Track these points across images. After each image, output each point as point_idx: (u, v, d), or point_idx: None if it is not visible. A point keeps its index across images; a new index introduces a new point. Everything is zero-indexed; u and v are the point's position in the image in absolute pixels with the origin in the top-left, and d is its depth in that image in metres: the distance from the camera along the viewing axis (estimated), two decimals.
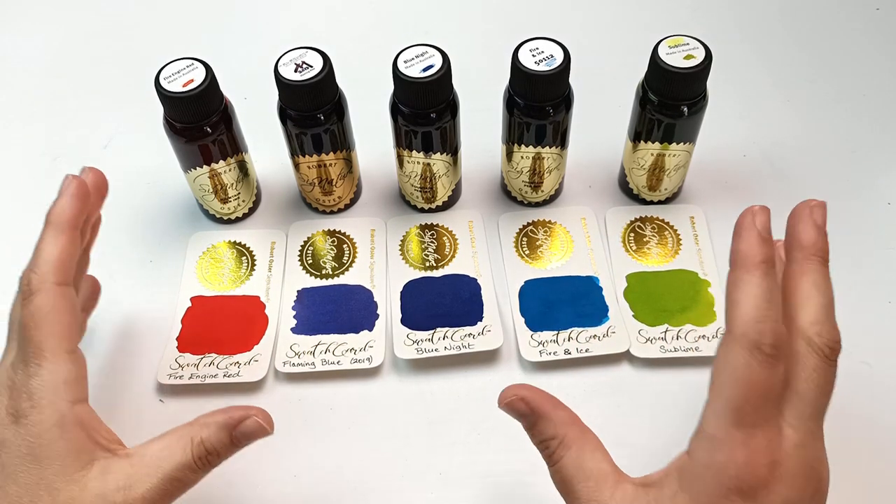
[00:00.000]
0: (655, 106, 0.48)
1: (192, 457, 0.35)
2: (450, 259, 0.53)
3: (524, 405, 0.35)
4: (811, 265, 0.33)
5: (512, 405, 0.36)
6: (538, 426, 0.35)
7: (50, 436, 0.34)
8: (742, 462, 0.30)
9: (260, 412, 0.37)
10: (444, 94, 0.47)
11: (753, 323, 0.30)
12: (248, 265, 0.53)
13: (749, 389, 0.30)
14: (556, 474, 0.34)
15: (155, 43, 0.70)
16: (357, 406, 0.47)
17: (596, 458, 0.34)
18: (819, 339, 0.31)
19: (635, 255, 0.53)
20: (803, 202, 0.34)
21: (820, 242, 0.34)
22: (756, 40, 0.68)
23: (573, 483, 0.33)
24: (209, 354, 0.48)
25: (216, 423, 0.36)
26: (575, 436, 0.34)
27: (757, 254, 0.32)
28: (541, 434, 0.35)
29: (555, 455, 0.34)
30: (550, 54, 0.46)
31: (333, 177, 0.53)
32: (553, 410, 0.35)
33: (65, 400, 0.35)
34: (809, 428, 0.31)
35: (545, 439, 0.35)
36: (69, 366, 0.36)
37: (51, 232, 0.38)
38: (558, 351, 0.47)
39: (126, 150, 0.62)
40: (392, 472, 0.44)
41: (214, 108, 0.49)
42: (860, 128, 0.61)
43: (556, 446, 0.34)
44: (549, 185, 0.54)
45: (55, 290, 0.36)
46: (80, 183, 0.40)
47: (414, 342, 0.48)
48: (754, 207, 0.33)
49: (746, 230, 0.32)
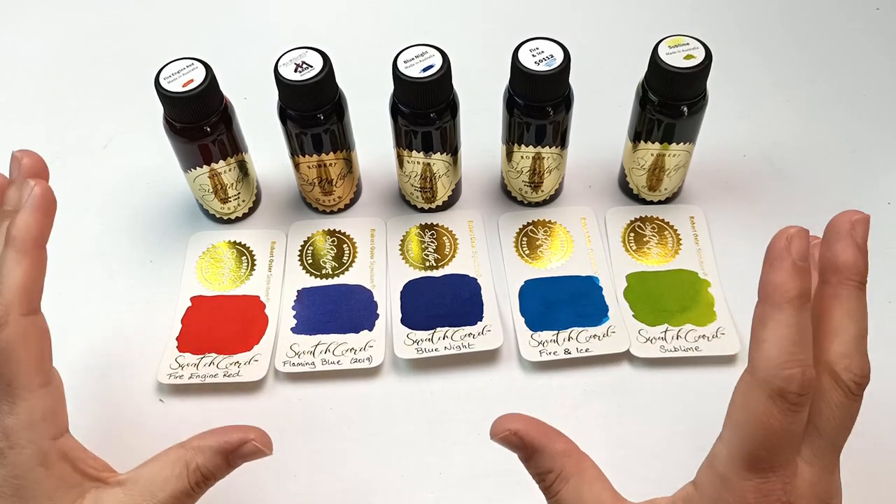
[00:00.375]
0: (655, 106, 0.48)
1: (188, 484, 0.34)
2: (450, 259, 0.53)
3: (517, 439, 0.34)
4: (847, 290, 0.30)
5: (505, 440, 0.34)
6: (534, 460, 0.33)
7: (34, 475, 0.32)
8: (752, 502, 0.28)
9: (258, 434, 0.35)
10: (444, 94, 0.47)
11: (779, 369, 0.28)
12: (248, 265, 0.53)
13: (768, 437, 0.28)
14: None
15: (155, 43, 0.70)
16: (357, 406, 0.47)
17: (595, 490, 0.33)
18: (846, 375, 0.29)
19: (635, 255, 0.53)
20: (844, 214, 0.30)
21: (859, 264, 0.30)
22: (756, 40, 0.68)
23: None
24: (209, 354, 0.48)
25: (211, 448, 0.35)
26: (572, 468, 0.33)
27: (790, 288, 0.28)
28: (537, 468, 0.33)
29: (552, 488, 0.33)
30: (550, 54, 0.46)
31: (333, 177, 0.53)
32: (549, 443, 0.33)
33: (45, 437, 0.33)
34: (827, 465, 0.29)
35: (542, 472, 0.33)
36: (44, 401, 0.33)
37: (12, 254, 0.33)
38: (558, 351, 0.47)
39: (126, 150, 0.62)
40: (392, 472, 0.44)
41: (214, 108, 0.49)
42: (860, 128, 0.61)
43: (553, 479, 0.33)
44: (549, 185, 0.54)
45: (21, 322, 0.32)
46: (43, 191, 0.34)
47: (414, 342, 0.48)
48: (790, 230, 0.29)
49: (779, 259, 0.29)
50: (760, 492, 0.28)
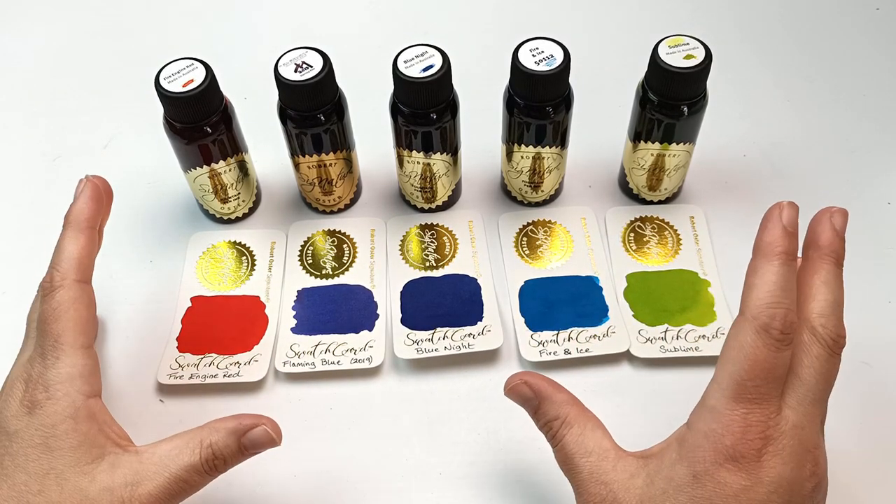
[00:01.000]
0: (655, 106, 0.48)
1: (199, 459, 0.36)
2: (450, 259, 0.53)
3: (528, 389, 0.37)
4: (825, 265, 0.34)
5: (516, 389, 0.37)
6: (542, 408, 0.37)
7: (64, 427, 0.35)
8: (738, 432, 0.32)
9: (270, 422, 0.37)
10: (444, 94, 0.47)
11: (766, 307, 0.32)
12: (248, 265, 0.53)
13: (753, 367, 0.32)
14: (560, 453, 0.36)
15: (155, 43, 0.70)
16: (357, 406, 0.47)
17: (597, 436, 0.36)
18: (823, 331, 0.33)
19: (635, 254, 0.53)
20: (825, 208, 0.36)
21: (835, 244, 0.35)
22: (756, 40, 0.68)
23: (575, 459, 0.35)
24: (209, 354, 0.48)
25: (226, 428, 0.37)
26: (576, 415, 0.36)
27: (779, 244, 0.33)
28: (545, 415, 0.36)
29: (558, 434, 0.36)
30: (550, 54, 0.46)
31: (333, 177, 0.53)
32: (555, 392, 0.37)
33: (80, 393, 0.36)
34: (809, 412, 0.33)
35: (549, 420, 0.36)
36: (85, 360, 0.37)
37: (70, 232, 0.39)
38: (558, 351, 0.47)
39: (126, 150, 0.62)
40: (392, 472, 0.44)
41: (214, 108, 0.49)
42: (860, 128, 0.61)
43: (558, 426, 0.36)
44: (549, 185, 0.54)
45: (75, 286, 0.38)
46: (94, 185, 0.42)
47: (414, 342, 0.48)
48: (783, 203, 0.34)
49: (772, 222, 0.34)
50: (745, 421, 0.32)
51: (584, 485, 0.35)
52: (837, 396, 0.41)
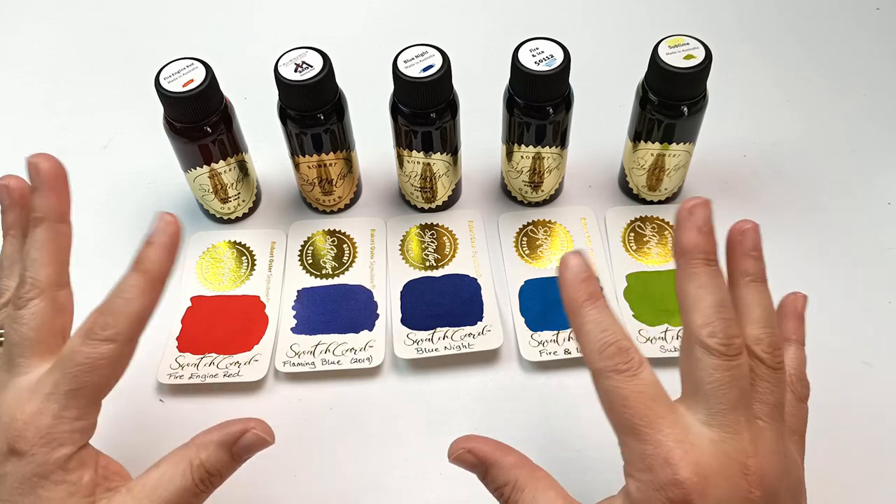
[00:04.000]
0: (655, 106, 0.48)
1: (192, 480, 0.35)
2: (450, 259, 0.53)
3: (472, 456, 0.36)
4: (696, 268, 0.33)
5: (461, 458, 0.36)
6: (490, 474, 0.35)
7: (54, 478, 0.33)
8: (661, 470, 0.32)
9: (258, 424, 0.36)
10: (444, 94, 0.47)
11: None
12: (248, 265, 0.53)
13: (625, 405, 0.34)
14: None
15: (155, 43, 0.70)
16: (357, 406, 0.47)
17: (549, 497, 0.34)
18: (711, 340, 0.32)
19: (635, 254, 0.53)
20: (684, 202, 0.33)
21: (700, 244, 0.33)
22: (756, 40, 0.68)
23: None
24: (209, 354, 0.48)
25: (213, 442, 0.35)
26: (526, 478, 0.35)
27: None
28: (494, 481, 0.35)
29: (510, 499, 0.35)
30: (550, 54, 0.46)
31: (333, 177, 0.53)
32: (502, 457, 0.35)
33: (75, 445, 0.34)
34: (726, 423, 0.32)
35: (499, 486, 0.35)
36: (94, 419, 0.36)
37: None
38: (558, 351, 0.47)
39: (126, 150, 0.62)
40: (392, 472, 0.44)
41: (214, 108, 0.49)
42: (860, 128, 0.61)
43: (510, 491, 0.35)
44: (549, 185, 0.54)
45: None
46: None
47: (414, 342, 0.48)
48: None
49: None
50: (661, 456, 0.32)
51: None
52: (837, 396, 0.41)
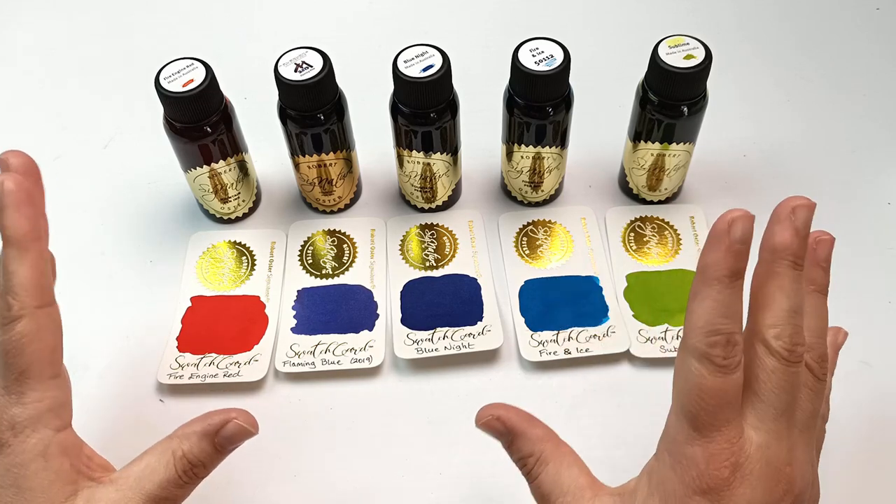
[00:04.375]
0: (655, 106, 0.48)
1: (175, 472, 0.34)
2: (450, 259, 0.53)
3: (500, 424, 0.35)
4: (780, 268, 0.32)
5: (488, 425, 0.36)
6: (515, 444, 0.35)
7: (34, 466, 0.33)
8: (702, 463, 0.30)
9: (240, 413, 0.36)
10: (444, 94, 0.47)
11: (704, 335, 0.30)
12: (248, 265, 0.53)
13: (702, 396, 0.30)
14: (536, 490, 0.35)
15: (155, 43, 0.70)
16: (357, 406, 0.47)
17: (573, 473, 0.34)
18: (776, 343, 0.31)
19: (635, 254, 0.53)
20: (788, 200, 0.32)
21: (794, 246, 0.31)
22: (756, 40, 0.68)
23: (552, 498, 0.34)
24: (209, 354, 0.48)
25: (195, 433, 0.35)
26: (551, 451, 0.35)
27: (721, 267, 0.31)
28: (518, 451, 0.35)
29: (533, 471, 0.34)
30: (550, 54, 0.46)
31: (333, 176, 0.53)
32: (529, 428, 0.35)
33: (49, 428, 0.33)
34: (772, 429, 0.31)
35: (523, 457, 0.35)
36: (54, 392, 0.34)
37: (12, 252, 0.33)
38: (558, 351, 0.47)
39: (126, 150, 0.62)
40: (392, 472, 0.44)
41: (214, 108, 0.49)
42: (860, 128, 0.61)
43: (533, 463, 0.34)
44: (549, 185, 0.54)
45: (37, 314, 0.33)
46: (16, 184, 0.33)
47: (414, 342, 0.48)
48: (734, 213, 0.31)
49: (717, 241, 0.31)
50: (708, 452, 0.30)
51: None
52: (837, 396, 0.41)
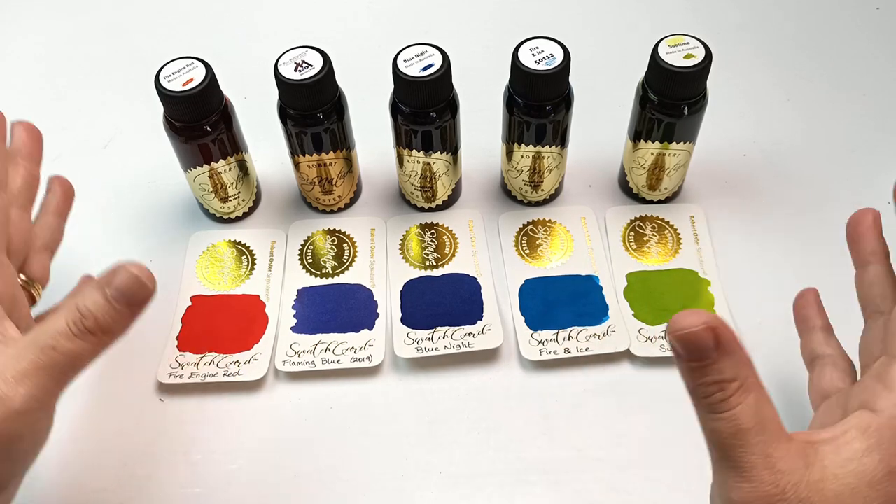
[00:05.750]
0: (655, 105, 0.48)
1: (66, 322, 0.32)
2: (450, 258, 0.53)
3: (711, 337, 0.28)
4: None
5: (697, 336, 0.28)
6: (718, 364, 0.28)
7: None
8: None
9: (137, 266, 0.32)
10: (443, 94, 0.47)
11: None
12: (248, 264, 0.53)
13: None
14: (725, 423, 0.29)
15: (155, 43, 0.70)
16: (357, 405, 0.47)
17: (771, 410, 0.29)
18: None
19: (635, 254, 0.53)
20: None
21: None
22: (756, 40, 0.68)
23: (749, 435, 0.29)
24: (209, 353, 0.48)
25: (90, 285, 0.32)
26: (755, 380, 0.29)
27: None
28: (720, 373, 0.28)
29: (732, 400, 0.29)
30: (550, 53, 0.46)
31: (333, 176, 0.53)
32: (739, 348, 0.29)
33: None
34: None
35: (723, 380, 0.29)
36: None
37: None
38: (558, 350, 0.47)
39: (126, 150, 0.62)
40: (392, 472, 0.44)
41: (214, 108, 0.49)
42: (860, 127, 0.61)
43: (735, 390, 0.29)
44: (549, 185, 0.54)
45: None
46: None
47: (414, 341, 0.48)
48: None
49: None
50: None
51: (754, 469, 0.29)
52: None
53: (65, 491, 0.43)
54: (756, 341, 0.48)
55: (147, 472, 0.44)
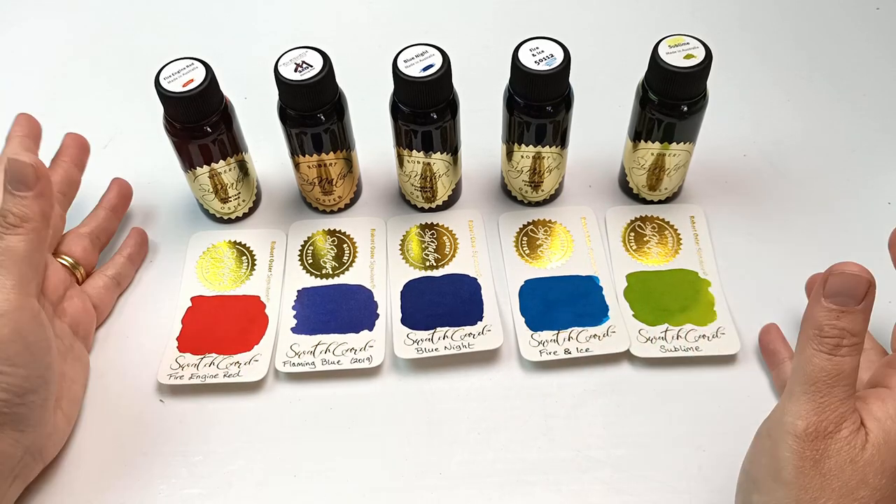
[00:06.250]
0: (655, 105, 0.48)
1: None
2: (450, 259, 0.53)
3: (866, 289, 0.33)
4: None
5: (856, 281, 0.33)
6: (855, 315, 0.33)
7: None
8: None
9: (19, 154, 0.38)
10: (443, 94, 0.47)
11: None
12: (248, 265, 0.53)
13: None
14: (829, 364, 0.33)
15: (155, 43, 0.70)
16: (357, 406, 0.47)
17: (857, 375, 0.34)
18: None
19: (635, 254, 0.53)
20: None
21: None
22: (756, 40, 0.68)
23: (840, 381, 0.33)
24: (209, 354, 0.48)
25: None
26: (862, 346, 0.34)
27: None
28: (852, 323, 0.33)
29: (845, 350, 0.33)
30: (550, 54, 0.46)
31: (333, 176, 0.53)
32: (870, 312, 0.34)
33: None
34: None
35: (850, 330, 0.33)
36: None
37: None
38: (558, 350, 0.47)
39: (126, 150, 0.62)
40: (392, 472, 0.44)
41: (214, 108, 0.49)
42: (860, 128, 0.61)
43: (853, 343, 0.33)
44: (550, 185, 0.54)
45: None
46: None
47: (414, 342, 0.48)
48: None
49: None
50: None
51: (828, 407, 0.33)
52: None
53: (65, 491, 0.43)
54: (756, 341, 0.48)
55: (147, 472, 0.44)
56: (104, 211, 0.53)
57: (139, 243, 0.53)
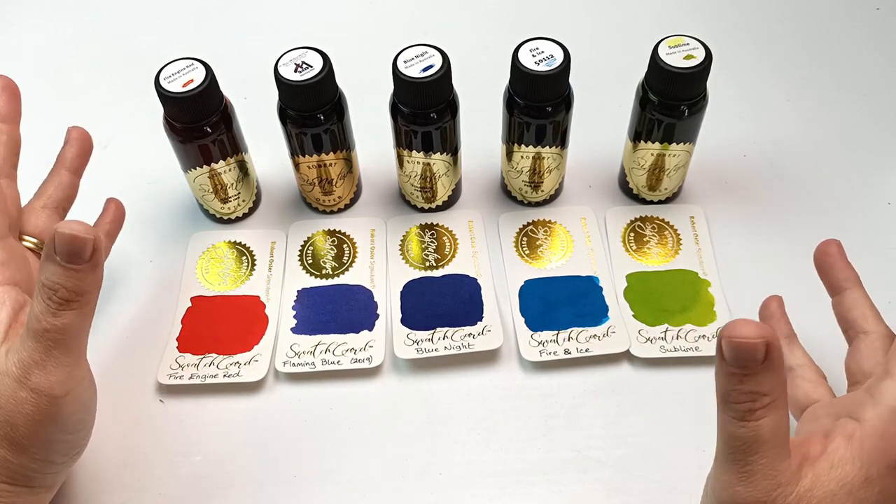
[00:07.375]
0: (655, 106, 0.48)
1: (42, 301, 0.34)
2: (450, 259, 0.53)
3: (764, 351, 0.29)
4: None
5: (750, 348, 0.29)
6: (759, 377, 0.29)
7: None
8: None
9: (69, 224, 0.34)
10: (443, 94, 0.47)
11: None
12: (248, 265, 0.53)
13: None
14: (745, 431, 0.30)
15: (155, 43, 0.70)
16: (357, 406, 0.47)
17: (787, 427, 0.31)
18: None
19: (635, 254, 0.53)
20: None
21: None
22: (756, 40, 0.68)
23: (761, 447, 0.30)
24: (209, 354, 0.48)
25: (44, 258, 0.34)
26: (784, 400, 0.30)
27: None
28: (757, 385, 0.29)
29: (758, 413, 0.30)
30: (550, 54, 0.46)
31: (333, 177, 0.53)
32: (782, 367, 0.30)
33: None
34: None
35: (758, 393, 0.30)
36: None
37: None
38: (558, 351, 0.47)
39: (126, 150, 0.62)
40: (392, 472, 0.44)
41: (214, 108, 0.49)
42: (860, 128, 0.61)
43: (765, 404, 0.30)
44: (549, 185, 0.54)
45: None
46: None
47: (414, 342, 0.48)
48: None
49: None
50: None
51: (755, 476, 0.30)
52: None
53: (64, 491, 0.43)
54: None
55: (147, 472, 0.44)
56: (68, 174, 0.48)
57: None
